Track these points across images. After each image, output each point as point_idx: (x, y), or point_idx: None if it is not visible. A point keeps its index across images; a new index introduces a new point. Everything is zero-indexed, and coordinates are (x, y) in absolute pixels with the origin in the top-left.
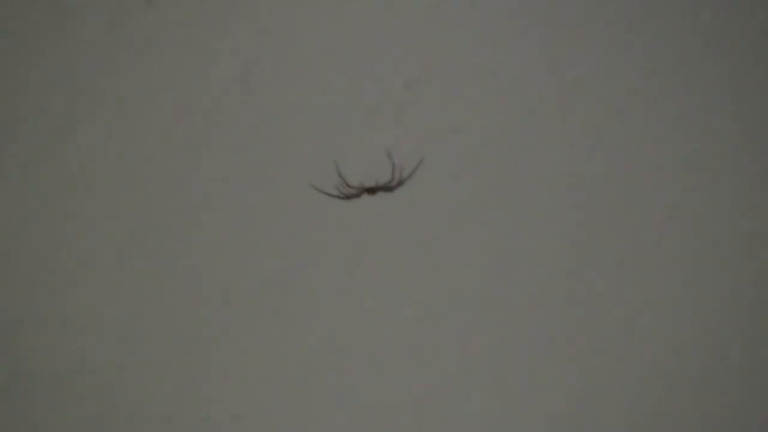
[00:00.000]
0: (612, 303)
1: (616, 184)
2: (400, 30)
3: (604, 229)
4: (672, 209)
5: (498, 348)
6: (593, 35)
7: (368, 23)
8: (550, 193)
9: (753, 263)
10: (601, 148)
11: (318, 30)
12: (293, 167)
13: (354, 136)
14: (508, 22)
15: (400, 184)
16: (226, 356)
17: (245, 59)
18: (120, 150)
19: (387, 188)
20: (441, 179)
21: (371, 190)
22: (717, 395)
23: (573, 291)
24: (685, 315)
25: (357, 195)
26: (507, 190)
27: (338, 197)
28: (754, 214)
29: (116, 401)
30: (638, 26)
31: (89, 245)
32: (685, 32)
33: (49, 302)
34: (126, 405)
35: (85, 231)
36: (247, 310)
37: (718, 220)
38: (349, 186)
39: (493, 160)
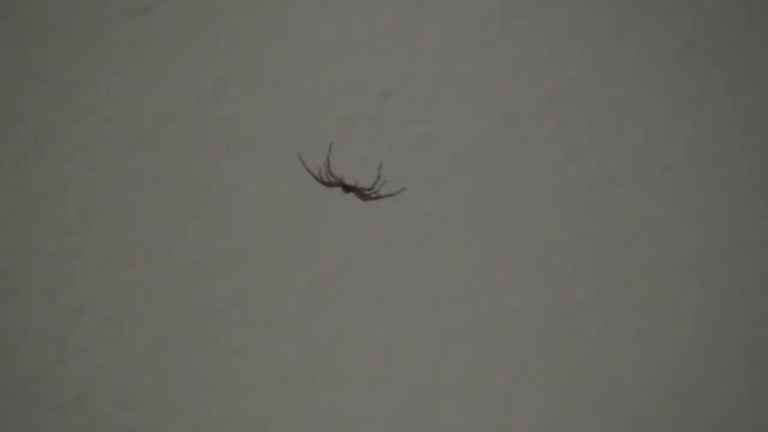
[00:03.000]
0: (603, 309)
1: (601, 191)
2: (377, 37)
3: (590, 236)
4: (660, 216)
5: (484, 358)
6: (577, 41)
7: (345, 32)
8: (534, 200)
9: (748, 269)
10: (584, 155)
11: (294, 39)
12: (276, 172)
13: (332, 145)
14: (489, 26)
15: (373, 198)
16: (220, 366)
17: (219, 70)
18: (98, 157)
19: (361, 194)
20: (423, 188)
21: (347, 188)
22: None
23: (561, 298)
24: (679, 323)
25: (334, 185)
26: (489, 199)
27: (315, 178)
28: (746, 218)
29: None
30: (625, 31)
31: (71, 253)
32: (676, 35)
33: (30, 310)
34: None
35: (66, 239)
36: (238, 319)
37: (710, 226)
38: (330, 173)
39: (475, 167)
